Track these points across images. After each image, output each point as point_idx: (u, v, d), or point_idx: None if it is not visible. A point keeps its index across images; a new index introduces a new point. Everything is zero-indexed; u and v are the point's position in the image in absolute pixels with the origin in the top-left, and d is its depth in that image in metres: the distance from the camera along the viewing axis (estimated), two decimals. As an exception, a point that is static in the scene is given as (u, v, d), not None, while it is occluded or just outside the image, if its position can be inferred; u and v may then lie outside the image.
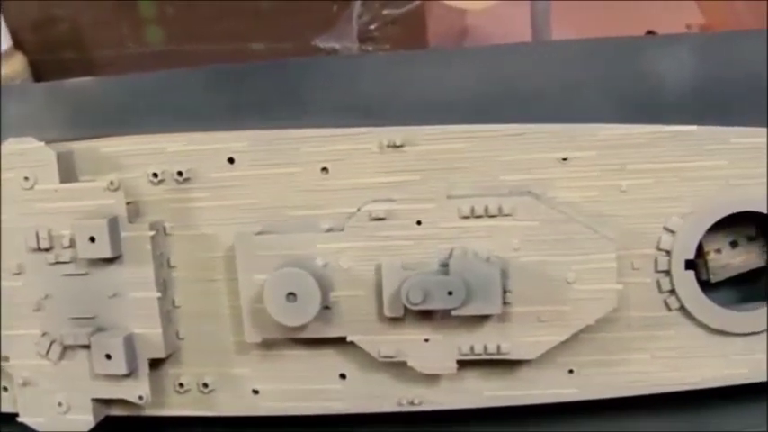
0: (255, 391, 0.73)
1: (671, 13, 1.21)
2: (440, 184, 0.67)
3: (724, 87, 0.72)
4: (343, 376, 0.72)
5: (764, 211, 0.67)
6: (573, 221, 0.66)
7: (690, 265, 0.68)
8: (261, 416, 0.73)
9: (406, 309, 0.66)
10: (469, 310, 0.65)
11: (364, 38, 0.98)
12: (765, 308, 0.69)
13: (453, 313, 0.65)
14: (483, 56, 0.73)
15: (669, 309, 0.69)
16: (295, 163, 0.69)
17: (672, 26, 1.16)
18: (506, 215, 0.66)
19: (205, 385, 0.73)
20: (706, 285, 0.71)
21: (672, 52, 0.72)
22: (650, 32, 1.16)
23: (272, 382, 0.73)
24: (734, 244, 0.71)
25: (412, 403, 0.71)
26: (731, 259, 0.71)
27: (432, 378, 0.71)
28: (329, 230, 0.68)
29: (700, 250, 0.70)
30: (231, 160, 0.70)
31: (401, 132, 0.68)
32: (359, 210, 0.68)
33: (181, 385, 0.73)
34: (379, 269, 0.67)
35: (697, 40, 0.73)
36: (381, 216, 0.67)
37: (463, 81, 0.74)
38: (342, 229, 0.68)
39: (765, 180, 0.67)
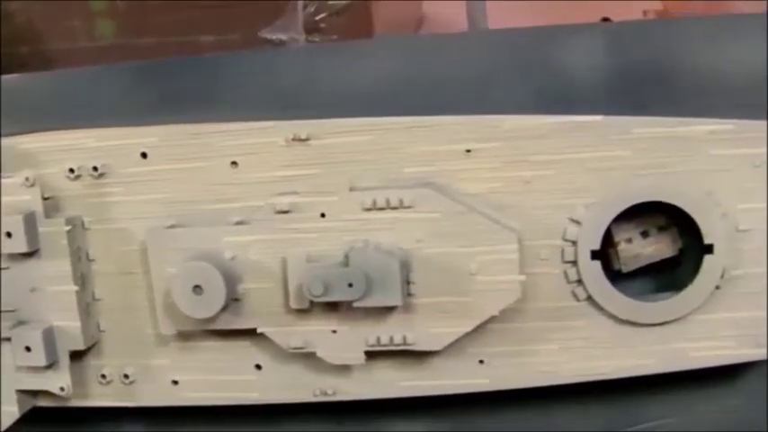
0: (175, 382, 0.74)
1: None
2: (343, 176, 0.67)
3: (635, 76, 0.72)
4: (258, 367, 0.73)
5: (669, 201, 0.67)
6: (474, 213, 0.66)
7: (597, 255, 0.68)
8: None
9: (312, 300, 0.67)
10: (370, 302, 0.66)
11: (311, 29, 0.98)
12: (674, 298, 0.68)
13: (355, 305, 0.66)
14: (397, 47, 0.73)
15: (577, 299, 0.69)
16: (205, 157, 0.70)
17: (630, 12, 1.15)
18: (408, 207, 0.66)
19: (126, 376, 0.74)
20: (622, 276, 0.71)
21: (583, 42, 0.72)
22: (605, 19, 1.15)
23: (191, 372, 0.74)
24: (645, 234, 0.71)
25: (325, 393, 0.72)
26: (642, 249, 0.71)
27: (344, 368, 0.71)
28: (238, 224, 0.69)
29: (611, 240, 0.70)
30: (144, 155, 0.71)
31: (306, 126, 0.68)
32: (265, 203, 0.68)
33: (103, 376, 0.75)
34: (285, 261, 0.68)
35: (608, 29, 0.72)
36: (286, 209, 0.68)
37: (377, 73, 0.74)
38: (249, 223, 0.69)
39: (669, 170, 0.67)
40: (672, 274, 0.72)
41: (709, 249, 0.67)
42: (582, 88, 0.72)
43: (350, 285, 0.65)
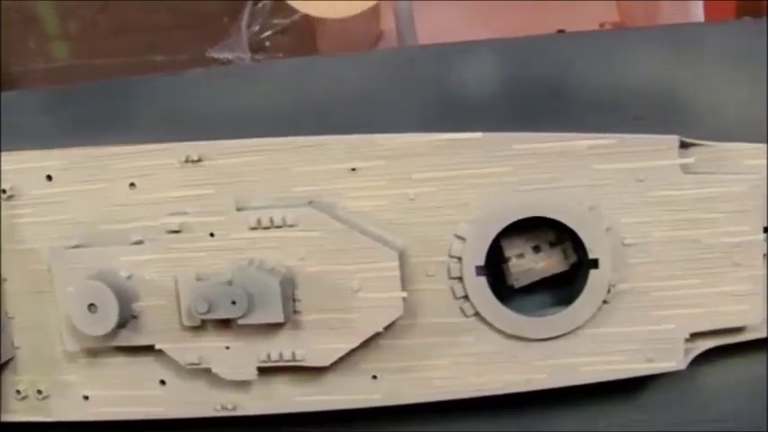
0: (86, 397, 0.76)
1: (587, 11, 1.19)
2: (230, 197, 0.69)
3: (526, 92, 0.72)
4: (162, 382, 0.74)
5: (551, 216, 0.67)
6: (354, 231, 0.67)
7: (482, 271, 0.68)
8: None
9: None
10: (253, 319, 0.67)
11: (256, 48, 1.00)
12: (561, 313, 0.68)
13: (239, 322, 0.67)
14: (290, 69, 0.75)
15: (465, 315, 0.69)
16: (106, 179, 0.72)
17: (587, 24, 1.15)
18: (291, 226, 0.67)
19: (39, 392, 0.77)
20: (521, 291, 0.72)
21: (474, 58, 0.72)
22: (561, 31, 1.15)
23: (100, 388, 0.76)
24: (537, 249, 0.71)
25: (226, 408, 0.73)
26: (534, 264, 0.71)
27: (244, 384, 0.73)
28: (135, 243, 0.71)
29: (503, 255, 0.71)
30: (49, 177, 0.73)
31: (198, 147, 0.70)
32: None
33: (18, 392, 0.77)
34: (176, 280, 0.69)
35: (498, 45, 0.72)
36: (176, 229, 0.69)
37: (276, 94, 0.75)
38: (143, 243, 0.71)
39: (550, 185, 0.67)
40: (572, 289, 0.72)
41: (594, 264, 0.67)
42: (477, 105, 0.73)
43: (233, 303, 0.67)
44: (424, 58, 0.73)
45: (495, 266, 0.72)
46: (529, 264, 0.71)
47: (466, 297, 0.69)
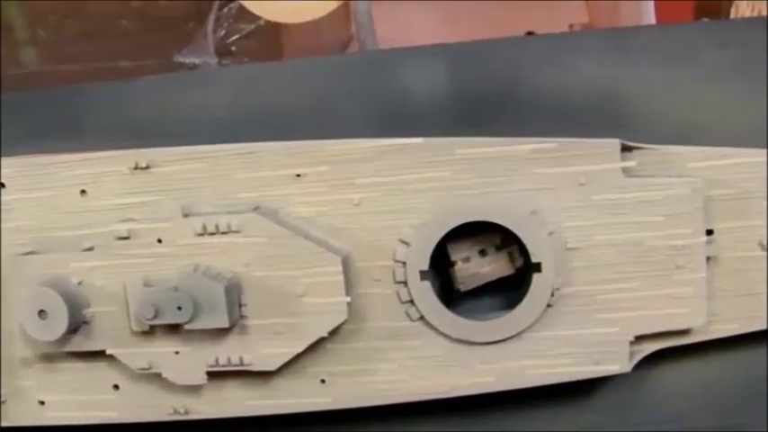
0: (42, 402, 0.77)
1: (557, 12, 1.19)
2: (176, 203, 0.70)
3: (475, 96, 0.73)
4: (116, 387, 0.75)
5: (494, 221, 0.67)
6: (297, 237, 0.67)
7: (426, 275, 0.69)
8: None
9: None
10: (199, 325, 0.68)
11: (223, 52, 1.01)
12: (506, 317, 0.69)
13: (185, 327, 0.68)
14: (241, 75, 0.75)
15: (411, 319, 0.70)
16: (57, 186, 0.73)
17: (556, 25, 1.15)
18: (236, 232, 0.68)
19: (-3, 397, 0.78)
20: (472, 294, 0.72)
21: (424, 63, 0.73)
22: (530, 33, 1.15)
23: (55, 393, 0.77)
24: (483, 253, 0.71)
25: (178, 412, 0.74)
26: (480, 268, 0.71)
27: (195, 388, 0.73)
28: (85, 250, 0.72)
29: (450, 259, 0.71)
30: (2, 185, 0.74)
31: (146, 154, 0.71)
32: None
33: (-21, 397, 0.78)
34: (125, 286, 0.70)
35: (446, 50, 0.73)
36: (125, 235, 0.70)
37: (228, 101, 0.76)
38: (93, 249, 0.71)
39: (493, 190, 0.67)
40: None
41: (537, 268, 0.68)
42: (427, 110, 0.73)
43: (179, 309, 0.67)
44: (373, 64, 0.73)
45: (444, 270, 0.72)
46: (475, 268, 0.71)
47: (411, 301, 0.69)
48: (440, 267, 0.72)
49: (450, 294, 0.73)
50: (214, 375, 0.72)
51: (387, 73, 0.73)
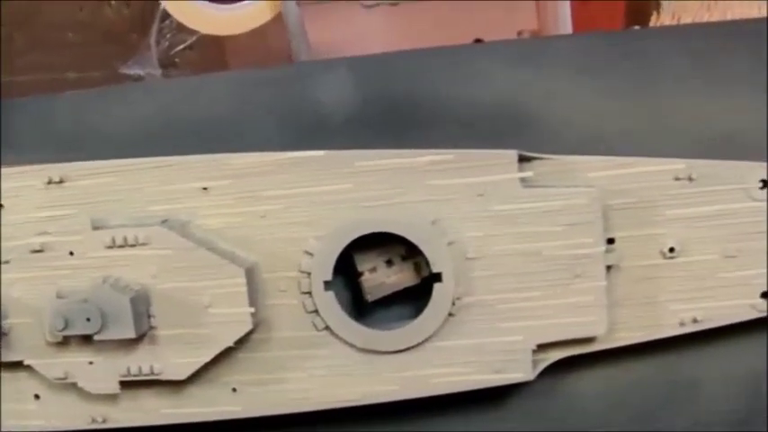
0: (-30, 411, 0.79)
1: (507, 18, 1.19)
2: (87, 216, 0.71)
3: (386, 108, 0.74)
4: (37, 396, 0.77)
5: (394, 232, 0.68)
6: (201, 249, 0.69)
7: (330, 285, 0.70)
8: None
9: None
10: (107, 335, 0.69)
11: (167, 63, 1.02)
12: (408, 326, 0.70)
13: (95, 338, 0.69)
14: (165, 89, 0.77)
15: (317, 329, 0.71)
16: None
17: (506, 31, 1.15)
18: (143, 244, 0.69)
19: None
20: (385, 303, 0.73)
21: (335, 76, 0.74)
22: (478, 41, 1.16)
23: (-20, 403, 0.78)
24: (390, 263, 0.72)
25: (96, 421, 0.76)
26: (386, 278, 0.72)
27: (113, 397, 0.75)
28: (5, 263, 0.74)
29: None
30: None
31: (60, 169, 0.72)
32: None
33: None
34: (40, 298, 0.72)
35: (356, 62, 0.74)
36: (38, 248, 0.71)
37: (148, 115, 0.77)
38: (9, 262, 0.73)
39: (393, 201, 0.68)
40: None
41: (437, 277, 0.68)
42: (338, 121, 0.74)
43: (88, 320, 0.69)
44: (285, 77, 0.75)
45: (356, 280, 0.73)
46: (381, 278, 0.72)
47: (316, 311, 0.70)
48: (353, 277, 0.73)
49: (364, 304, 0.74)
50: (129, 384, 0.73)
51: (298, 86, 0.74)
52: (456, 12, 1.22)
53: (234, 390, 0.73)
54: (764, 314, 0.71)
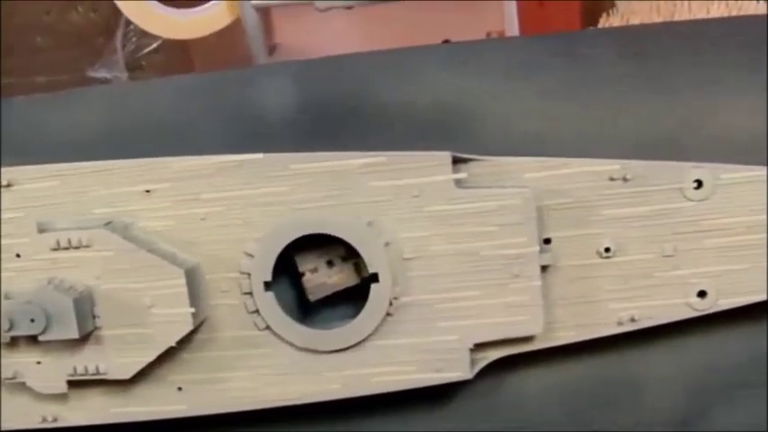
0: (-73, 411, 0.80)
1: (475, 19, 1.20)
2: (34, 219, 0.72)
3: (326, 111, 0.75)
4: (-8, 396, 0.78)
5: (331, 233, 0.69)
6: (142, 251, 0.70)
7: (269, 286, 0.71)
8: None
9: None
10: (52, 336, 0.70)
11: (133, 66, 1.04)
12: (348, 326, 0.71)
13: (39, 338, 0.71)
14: (113, 94, 0.78)
15: (258, 328, 0.72)
16: None
17: (474, 32, 1.16)
18: (87, 246, 0.71)
19: None
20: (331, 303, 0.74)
21: (276, 80, 0.75)
22: (446, 41, 1.16)
23: (-61, 402, 0.80)
24: (331, 264, 0.73)
25: (47, 420, 0.77)
26: (327, 278, 0.73)
27: (63, 396, 0.76)
28: None
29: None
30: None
31: (7, 173, 0.74)
32: None
33: None
34: None
35: (296, 66, 0.75)
36: None
37: (97, 120, 0.78)
38: None
39: (330, 203, 0.69)
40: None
41: (375, 278, 0.69)
42: (276, 127, 0.75)
43: (32, 321, 0.70)
44: (228, 81, 0.76)
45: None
46: (322, 278, 0.73)
47: (257, 312, 0.72)
48: (297, 278, 0.74)
49: (311, 304, 0.75)
50: (78, 384, 0.74)
51: (241, 90, 0.75)
52: (426, 13, 1.23)
53: (180, 389, 0.74)
54: (701, 313, 0.71)
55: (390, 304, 0.70)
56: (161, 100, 0.76)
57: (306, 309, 0.76)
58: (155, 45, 1.02)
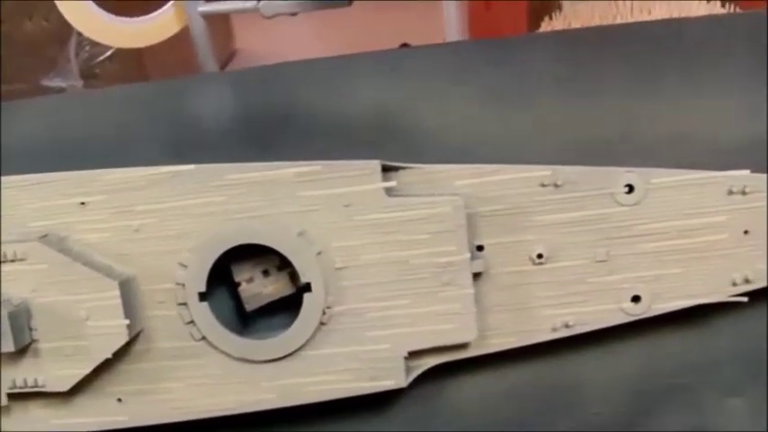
0: None
1: (433, 22, 1.20)
2: None
3: (261, 120, 0.75)
4: (-64, 409, 0.79)
5: (263, 243, 0.69)
6: (76, 264, 0.70)
7: (204, 296, 0.71)
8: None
9: (-47, 347, 0.72)
10: (-13, 348, 0.71)
11: (88, 75, 1.04)
12: (282, 336, 0.71)
13: (-25, 352, 0.71)
14: (50, 106, 0.78)
15: (195, 339, 0.72)
16: None
17: (433, 35, 1.16)
18: (22, 260, 0.71)
19: None
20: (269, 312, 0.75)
21: (212, 90, 0.75)
22: (404, 45, 1.17)
23: None
24: (266, 273, 0.73)
25: (-11, 431, 0.77)
26: (263, 288, 0.73)
27: (6, 409, 0.76)
28: None
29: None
30: None
31: None
32: None
33: None
34: None
35: (236, 76, 0.75)
36: None
37: (35, 132, 0.79)
38: None
39: (263, 213, 0.70)
40: None
41: (307, 288, 0.70)
42: (213, 136, 0.75)
43: (-32, 334, 0.70)
44: (165, 91, 0.76)
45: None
46: (258, 288, 0.73)
47: (193, 322, 0.72)
48: (236, 288, 0.75)
49: (251, 314, 0.75)
50: (19, 396, 0.75)
51: (178, 100, 0.75)
52: (388, 16, 1.23)
53: (119, 400, 0.75)
54: (636, 318, 0.72)
55: (323, 314, 0.70)
56: (101, 111, 0.77)
57: (247, 318, 0.76)
58: (108, 53, 1.02)
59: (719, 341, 0.76)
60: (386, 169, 0.69)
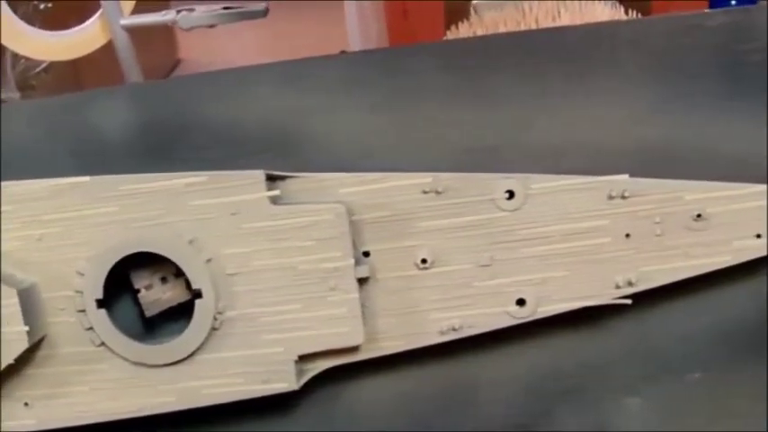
0: None
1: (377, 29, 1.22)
2: None
3: (161, 133, 0.77)
4: None
5: (155, 251, 0.72)
6: None
7: (102, 303, 0.73)
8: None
9: None
10: None
11: (24, 86, 1.06)
12: (175, 340, 0.73)
13: None
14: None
15: (95, 344, 0.75)
16: None
17: (379, 42, 1.18)
18: None
19: None
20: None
21: (112, 104, 0.77)
22: (343, 52, 1.19)
23: None
24: (165, 280, 0.76)
25: None
26: (162, 294, 0.76)
27: None
28: None
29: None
30: None
31: None
32: None
33: None
34: None
35: (136, 89, 0.77)
36: None
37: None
38: None
39: (156, 222, 0.72)
40: None
41: (198, 294, 0.72)
42: (116, 148, 0.78)
43: None
44: (68, 105, 0.78)
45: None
46: (157, 294, 0.76)
47: (91, 328, 0.74)
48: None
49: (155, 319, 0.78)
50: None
51: (80, 114, 0.78)
52: (330, 25, 1.25)
53: (26, 404, 0.77)
54: (522, 321, 0.73)
55: (215, 319, 0.72)
56: (12, 124, 0.79)
57: (153, 324, 0.78)
58: (43, 65, 1.05)
59: (614, 342, 0.77)
60: (272, 178, 0.72)
